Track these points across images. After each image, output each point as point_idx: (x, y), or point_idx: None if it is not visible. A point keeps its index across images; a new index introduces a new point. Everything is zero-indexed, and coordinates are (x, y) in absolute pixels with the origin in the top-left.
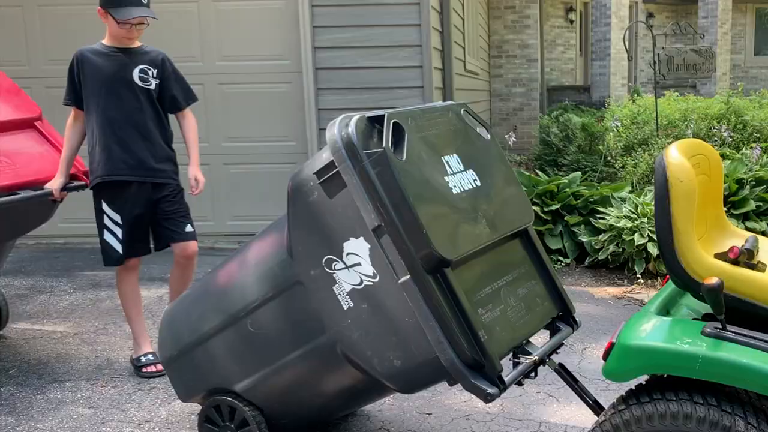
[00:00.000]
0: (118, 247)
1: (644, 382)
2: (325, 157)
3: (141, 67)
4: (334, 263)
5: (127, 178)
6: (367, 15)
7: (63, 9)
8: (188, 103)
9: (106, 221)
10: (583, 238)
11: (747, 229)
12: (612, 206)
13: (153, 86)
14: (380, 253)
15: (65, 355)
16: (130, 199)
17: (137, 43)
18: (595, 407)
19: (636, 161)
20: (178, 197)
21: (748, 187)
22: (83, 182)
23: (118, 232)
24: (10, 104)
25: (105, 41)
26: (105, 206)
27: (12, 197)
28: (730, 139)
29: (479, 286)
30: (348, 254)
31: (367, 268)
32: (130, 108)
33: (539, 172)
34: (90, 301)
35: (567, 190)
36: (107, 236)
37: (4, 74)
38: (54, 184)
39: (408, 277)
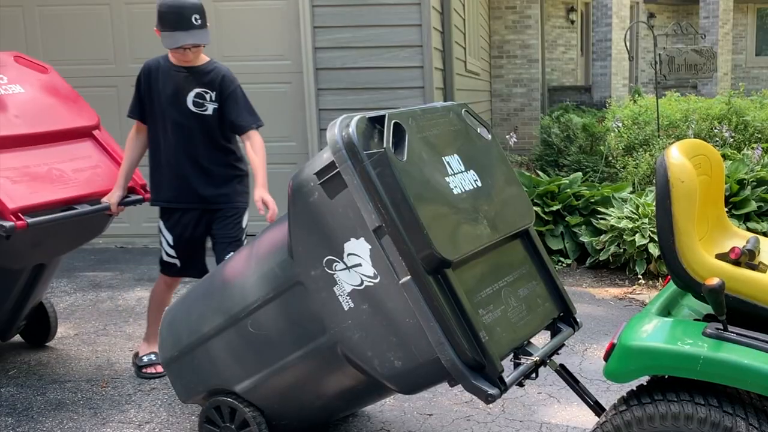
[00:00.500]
0: (176, 262)
1: (645, 383)
2: (325, 157)
3: (197, 90)
4: (335, 264)
5: (174, 206)
6: (368, 15)
7: (63, 9)
8: (250, 127)
9: (162, 238)
10: (584, 239)
11: (748, 229)
12: (613, 207)
13: (209, 111)
14: (381, 254)
15: (65, 355)
16: (181, 222)
17: (202, 59)
18: (596, 408)
19: (637, 162)
20: (230, 220)
21: (749, 187)
22: (141, 196)
23: (170, 251)
24: (67, 112)
25: (170, 55)
26: (161, 224)
27: (69, 212)
28: (732, 140)
29: (480, 286)
30: (349, 255)
31: (368, 269)
32: (182, 134)
33: (540, 173)
34: (90, 302)
35: (568, 190)
36: (165, 249)
37: (62, 79)
38: (112, 198)
39: (409, 277)
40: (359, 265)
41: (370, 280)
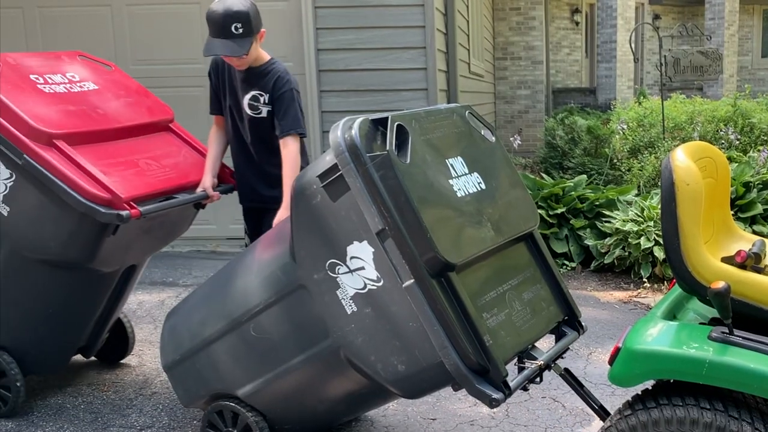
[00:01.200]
0: None
1: (650, 387)
2: (328, 159)
3: (253, 93)
4: (338, 267)
5: (242, 204)
6: (371, 16)
7: (63, 11)
8: (285, 133)
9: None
10: (589, 242)
11: (754, 232)
12: (618, 209)
13: (265, 114)
14: (384, 257)
15: None
16: (246, 216)
17: (261, 58)
18: (601, 412)
19: (642, 164)
20: None
21: (755, 190)
22: (231, 184)
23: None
24: (142, 106)
25: None
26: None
27: (173, 201)
28: (737, 142)
29: (484, 290)
30: (352, 258)
31: (371, 272)
32: (241, 134)
33: (544, 175)
34: None
35: (572, 193)
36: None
37: (129, 76)
38: (206, 184)
39: (412, 281)
40: (362, 268)
41: (373, 284)
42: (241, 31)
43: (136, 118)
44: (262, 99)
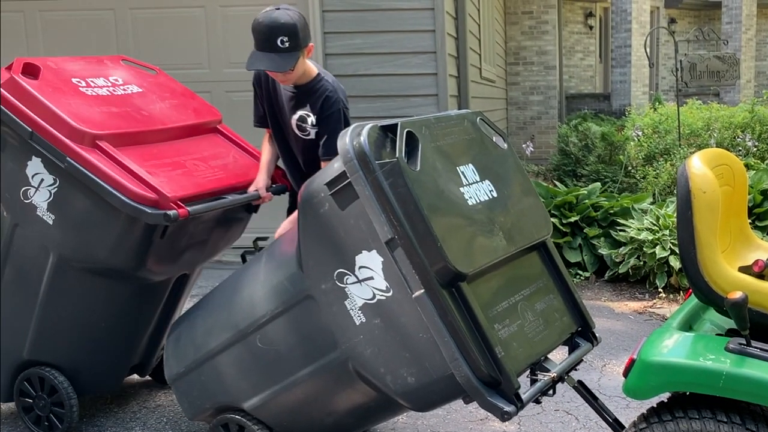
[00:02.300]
0: None
1: (666, 400)
2: (336, 167)
3: (300, 113)
4: (346, 277)
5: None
6: (380, 21)
7: (66, 15)
8: (325, 156)
9: None
10: (603, 251)
11: None
12: (633, 218)
13: (313, 135)
14: (393, 267)
15: None
16: None
17: (309, 74)
18: (616, 426)
19: (657, 172)
20: None
21: None
22: (284, 184)
23: None
24: (189, 108)
25: None
26: None
27: (222, 201)
28: (755, 149)
29: (496, 300)
30: (360, 268)
31: (380, 282)
32: (291, 149)
33: (557, 183)
34: None
35: (586, 201)
36: None
37: (174, 79)
38: (258, 185)
39: (422, 291)
40: (371, 278)
41: (382, 294)
42: (287, 44)
43: (182, 119)
44: (309, 120)
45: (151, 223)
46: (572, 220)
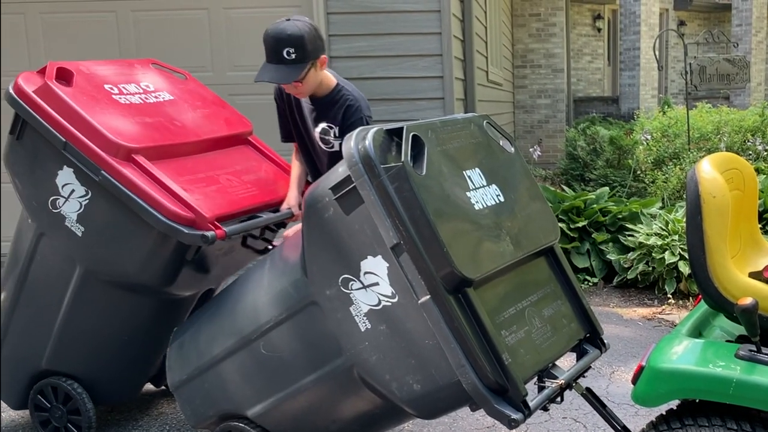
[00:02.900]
0: None
1: (675, 407)
2: (341, 171)
3: (323, 126)
4: (351, 283)
5: None
6: (385, 23)
7: (67, 17)
8: None
9: None
10: (612, 257)
11: None
12: (641, 223)
13: (337, 147)
14: (399, 272)
15: None
16: None
17: (327, 85)
18: None
19: (667, 176)
20: None
21: None
22: None
23: None
24: (220, 118)
25: None
26: None
27: (257, 220)
28: (765, 153)
29: (503, 306)
30: (365, 273)
31: (386, 288)
32: (316, 163)
33: (565, 188)
34: None
35: (594, 206)
36: None
37: (204, 86)
38: (291, 202)
39: (428, 297)
40: (376, 284)
41: (387, 300)
42: (293, 56)
43: (214, 130)
44: (332, 132)
45: (186, 243)
46: (580, 225)
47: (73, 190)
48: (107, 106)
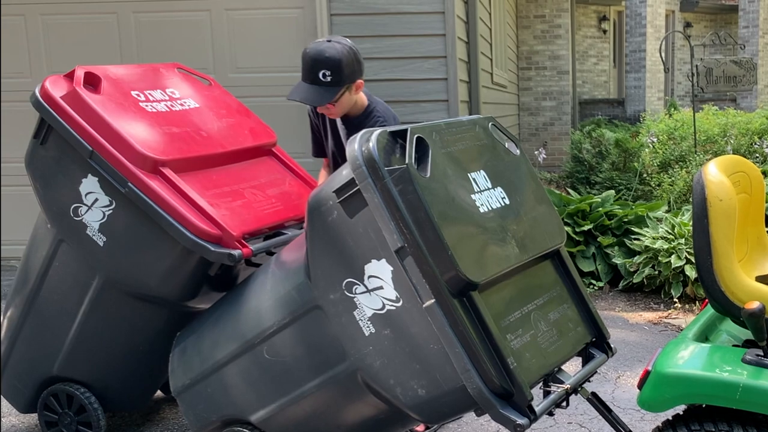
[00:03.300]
0: None
1: (681, 413)
2: (344, 174)
3: None
4: (355, 287)
5: None
6: (389, 24)
7: (68, 18)
8: None
9: None
10: (617, 260)
11: None
12: (647, 226)
13: None
14: (403, 276)
15: None
16: None
17: (360, 105)
18: None
19: (673, 179)
20: None
21: None
22: None
23: None
24: (245, 128)
25: None
26: None
27: (281, 237)
28: None
29: (508, 310)
30: (369, 277)
31: (390, 292)
32: None
33: (570, 191)
34: None
35: (600, 209)
36: None
37: (228, 93)
38: None
39: (433, 301)
40: (380, 288)
41: (392, 304)
42: (329, 79)
43: (239, 141)
44: None
45: (212, 261)
46: (585, 228)
47: (96, 199)
48: (134, 115)
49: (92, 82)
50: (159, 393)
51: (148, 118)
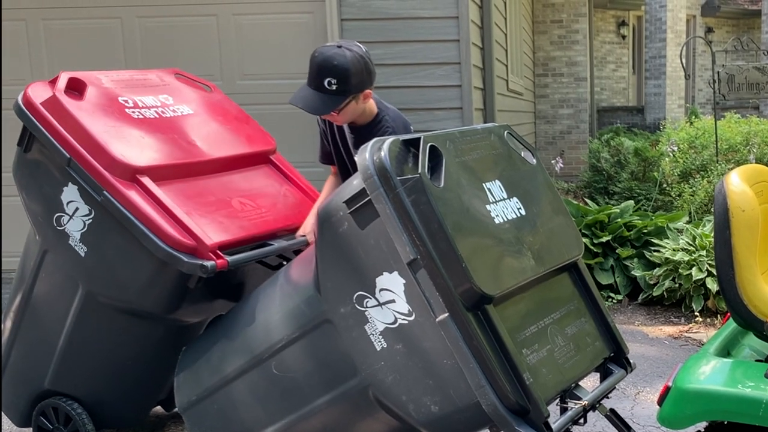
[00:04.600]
0: None
1: (703, 429)
2: (355, 184)
3: None
4: (366, 300)
5: None
6: (401, 30)
7: (70, 23)
8: None
9: None
10: (637, 273)
11: None
12: (668, 238)
13: None
14: (416, 289)
15: None
16: None
17: (369, 113)
18: None
19: (694, 189)
20: None
21: None
22: None
23: None
24: (242, 135)
25: None
26: None
27: (266, 249)
28: None
29: (524, 324)
30: (381, 290)
31: (402, 306)
32: None
33: (588, 201)
34: None
35: (619, 220)
36: None
37: (229, 99)
38: (306, 229)
39: (446, 315)
40: (392, 301)
41: (404, 318)
42: (334, 87)
43: (232, 148)
44: None
45: (186, 272)
46: (604, 240)
47: (77, 208)
48: (117, 121)
49: (77, 87)
50: (163, 410)
51: (133, 125)
